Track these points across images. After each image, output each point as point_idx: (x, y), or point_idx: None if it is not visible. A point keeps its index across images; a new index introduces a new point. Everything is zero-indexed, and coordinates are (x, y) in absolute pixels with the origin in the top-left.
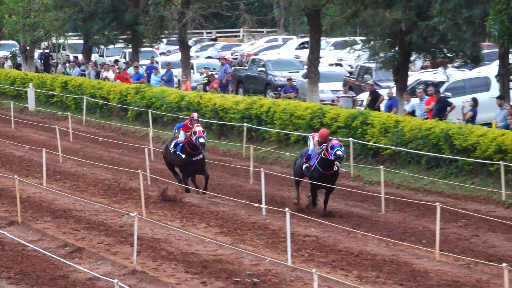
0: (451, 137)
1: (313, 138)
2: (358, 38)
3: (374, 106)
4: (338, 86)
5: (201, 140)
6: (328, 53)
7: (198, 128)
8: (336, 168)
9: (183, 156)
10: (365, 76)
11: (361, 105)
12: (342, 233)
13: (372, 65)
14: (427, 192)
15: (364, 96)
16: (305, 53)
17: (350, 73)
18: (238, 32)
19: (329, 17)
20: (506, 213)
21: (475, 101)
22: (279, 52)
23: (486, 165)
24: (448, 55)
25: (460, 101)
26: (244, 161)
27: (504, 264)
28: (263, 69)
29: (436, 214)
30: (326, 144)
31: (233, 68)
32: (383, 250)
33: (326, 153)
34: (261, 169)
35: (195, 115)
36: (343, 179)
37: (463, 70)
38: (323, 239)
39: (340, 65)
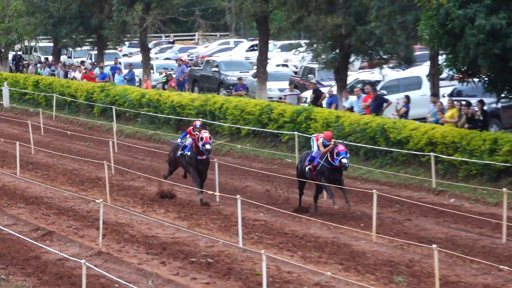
0: (387, 131)
1: (317, 139)
2: (302, 41)
3: (317, 103)
4: (285, 85)
5: (207, 146)
6: (275, 55)
7: (205, 134)
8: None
9: (189, 153)
10: (308, 75)
11: (305, 102)
12: (288, 217)
13: (315, 66)
14: (364, 180)
15: (308, 94)
16: (254, 55)
17: (295, 73)
18: (194, 35)
19: (276, 22)
20: (436, 199)
21: (408, 98)
22: (231, 54)
23: (418, 156)
24: (384, 56)
25: (394, 98)
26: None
27: (434, 245)
28: (216, 69)
29: (373, 200)
30: (331, 144)
31: (189, 68)
32: (325, 233)
33: (330, 157)
34: (215, 160)
35: (198, 123)
36: (289, 169)
37: (397, 70)
38: (271, 223)
39: (286, 65)
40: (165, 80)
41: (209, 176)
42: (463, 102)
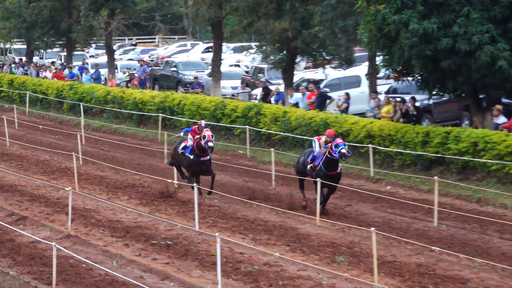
0: (329, 125)
1: (319, 140)
2: (253, 44)
3: (266, 99)
4: (237, 83)
5: (210, 144)
6: (228, 56)
7: (207, 132)
8: (339, 170)
9: (191, 157)
10: (258, 74)
11: (255, 98)
12: (240, 203)
13: (265, 66)
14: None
15: (258, 91)
16: (209, 56)
17: (247, 72)
18: (154, 38)
19: (229, 26)
20: (373, 187)
21: (348, 95)
22: (188, 55)
23: (357, 147)
24: (327, 57)
25: (336, 95)
26: (159, 145)
27: (372, 228)
28: (175, 69)
29: (316, 187)
30: (331, 144)
31: (150, 68)
32: (274, 217)
33: (330, 151)
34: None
35: (203, 122)
36: (241, 159)
37: (338, 70)
38: (224, 208)
39: (238, 66)
40: (128, 79)
41: (168, 166)
42: (398, 99)
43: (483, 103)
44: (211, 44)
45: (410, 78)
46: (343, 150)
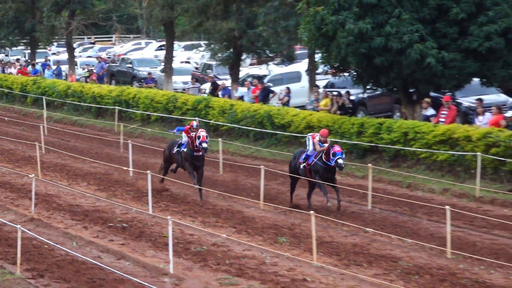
0: (272, 117)
1: (313, 138)
2: (202, 42)
3: (214, 93)
4: (187, 78)
5: (204, 145)
6: (180, 53)
7: (202, 133)
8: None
9: (186, 150)
10: (207, 70)
11: (204, 92)
12: (190, 189)
13: (213, 63)
14: (254, 158)
15: (207, 86)
16: (162, 54)
17: (196, 68)
18: (111, 37)
19: (180, 26)
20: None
21: (288, 89)
22: (142, 52)
23: (298, 137)
24: (270, 55)
25: (278, 90)
26: (116, 135)
27: (311, 212)
28: (130, 65)
29: (260, 174)
30: (328, 145)
31: (107, 65)
32: (221, 201)
33: (326, 157)
34: (129, 141)
35: (195, 123)
36: None
37: (281, 66)
38: (176, 193)
39: (189, 62)
40: (87, 74)
41: (124, 155)
42: (335, 93)
43: (413, 96)
44: (164, 43)
45: (346, 74)
46: (340, 161)
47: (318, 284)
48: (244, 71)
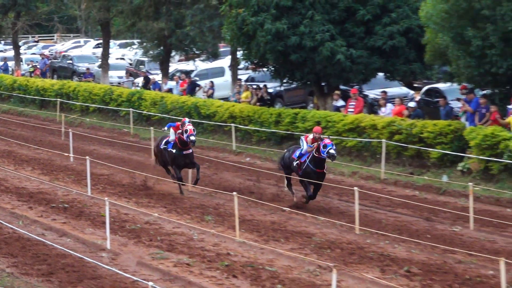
0: (199, 108)
1: (306, 138)
2: (135, 41)
3: (146, 86)
4: (122, 73)
5: (192, 138)
6: (115, 51)
7: (189, 127)
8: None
9: (174, 151)
10: (140, 66)
11: (137, 86)
12: (125, 173)
13: (145, 59)
14: None
15: (140, 80)
16: (99, 51)
17: (130, 64)
18: (53, 36)
19: (116, 26)
20: (235, 158)
21: (212, 83)
22: (81, 50)
23: (222, 126)
24: (196, 52)
25: (204, 83)
26: (58, 124)
27: (234, 193)
28: (70, 61)
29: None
30: (318, 143)
31: (50, 61)
32: (154, 184)
33: (317, 151)
34: (70, 130)
35: (187, 120)
36: (126, 136)
37: (206, 62)
38: (112, 176)
39: (123, 59)
40: (31, 70)
41: (65, 142)
42: (255, 86)
43: (325, 89)
44: (101, 41)
45: (265, 69)
46: (332, 151)
47: (241, 258)
48: (173, 67)
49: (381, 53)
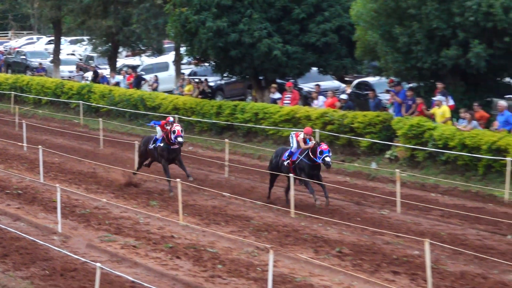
0: (145, 100)
1: (296, 136)
2: (85, 37)
3: (95, 80)
4: (73, 68)
5: (180, 139)
6: (66, 47)
7: (177, 127)
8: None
9: (162, 145)
10: (89, 61)
11: (87, 80)
12: (75, 161)
13: (95, 55)
14: (129, 134)
15: (89, 74)
16: (51, 47)
17: (80, 59)
18: (8, 33)
19: (67, 24)
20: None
21: (156, 77)
22: (34, 46)
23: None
24: (142, 48)
25: (149, 77)
26: (12, 116)
27: (178, 179)
28: (24, 57)
29: (135, 149)
30: (313, 142)
31: (4, 57)
32: (102, 172)
33: (313, 155)
34: (23, 121)
35: (171, 118)
36: (76, 127)
37: (152, 58)
38: (63, 164)
39: (74, 54)
40: None
41: (19, 133)
42: (197, 80)
43: (262, 82)
44: (53, 38)
45: (206, 64)
46: (328, 159)
47: (184, 240)
48: (120, 62)
49: (314, 49)
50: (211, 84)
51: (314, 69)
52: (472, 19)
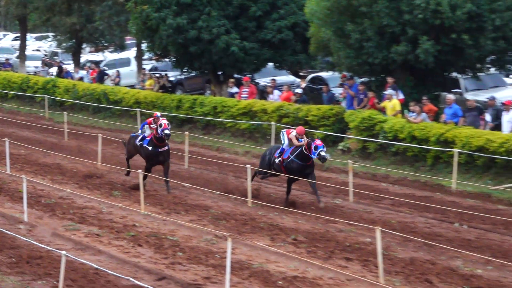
0: (107, 94)
1: (288, 134)
2: (50, 34)
3: (60, 75)
4: (38, 63)
5: (166, 131)
6: (32, 43)
7: (163, 121)
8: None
9: (150, 148)
10: (54, 57)
11: (52, 74)
12: (40, 153)
13: (59, 50)
14: (93, 127)
15: (54, 70)
16: (17, 43)
17: (45, 55)
18: None
19: (32, 21)
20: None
21: (118, 72)
22: (1, 42)
23: (128, 111)
24: (105, 44)
25: (112, 72)
26: None
27: (139, 170)
28: None
29: (98, 141)
30: (308, 140)
31: None
32: (67, 163)
33: (307, 150)
34: None
35: (158, 114)
36: (42, 120)
37: (114, 53)
38: (29, 156)
39: (39, 50)
40: None
41: None
42: (158, 75)
43: (220, 77)
44: (19, 34)
45: (167, 59)
46: (323, 153)
47: (145, 229)
48: (84, 57)
49: (270, 45)
50: (171, 79)
51: (270, 64)
52: (421, 16)
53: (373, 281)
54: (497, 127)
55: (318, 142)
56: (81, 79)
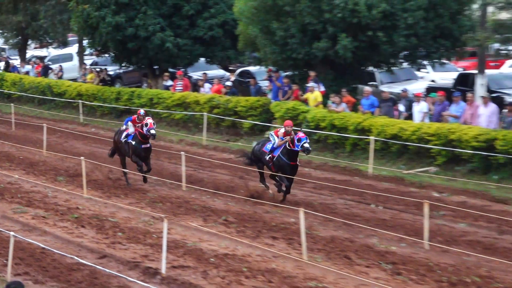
0: (52, 87)
1: (275, 133)
2: None
3: (7, 69)
4: None
5: (152, 131)
6: None
7: (149, 120)
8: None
9: (134, 143)
10: (1, 53)
11: (0, 69)
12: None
13: (6, 46)
14: (38, 118)
15: (1, 64)
16: None
17: None
18: None
19: None
20: (83, 129)
21: (61, 66)
22: None
23: (71, 103)
24: (49, 41)
25: (55, 67)
26: None
27: (82, 158)
28: None
29: (43, 130)
30: (291, 137)
31: None
32: (14, 151)
33: (291, 145)
34: None
35: (142, 111)
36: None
37: (58, 49)
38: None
39: None
40: None
41: None
42: (98, 69)
43: (156, 71)
44: None
45: (107, 55)
46: (306, 145)
47: (88, 211)
48: (29, 53)
49: (202, 42)
50: (111, 73)
51: (202, 59)
52: (340, 15)
53: (297, 258)
54: (410, 116)
55: (301, 134)
56: (27, 73)
